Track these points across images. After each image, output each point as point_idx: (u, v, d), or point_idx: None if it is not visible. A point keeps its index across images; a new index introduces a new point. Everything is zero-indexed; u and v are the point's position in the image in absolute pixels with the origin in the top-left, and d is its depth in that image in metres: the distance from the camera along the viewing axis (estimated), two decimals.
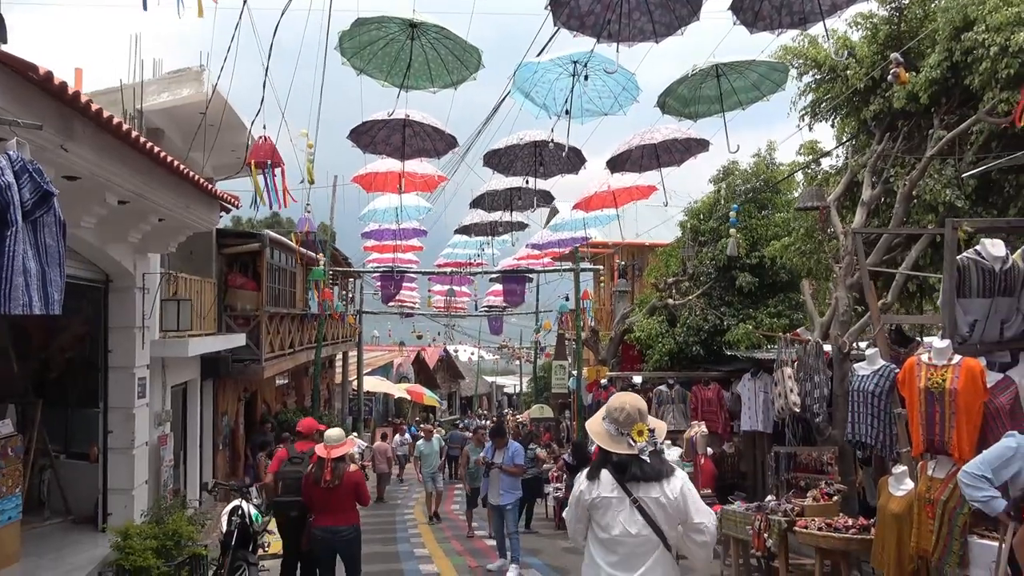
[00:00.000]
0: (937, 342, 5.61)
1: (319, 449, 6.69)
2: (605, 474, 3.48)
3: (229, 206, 9.42)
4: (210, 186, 8.52)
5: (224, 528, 7.62)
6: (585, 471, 3.65)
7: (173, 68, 10.67)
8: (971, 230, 6.02)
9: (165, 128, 10.73)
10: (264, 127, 8.05)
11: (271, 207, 8.50)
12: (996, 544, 4.77)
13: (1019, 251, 6.12)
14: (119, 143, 5.98)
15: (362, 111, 10.24)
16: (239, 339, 12.71)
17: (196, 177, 7.65)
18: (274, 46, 6.91)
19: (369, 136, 9.66)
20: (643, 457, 3.45)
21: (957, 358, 5.41)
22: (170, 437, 9.97)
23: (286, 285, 16.72)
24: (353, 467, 6.98)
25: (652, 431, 3.51)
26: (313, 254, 16.67)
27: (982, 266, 5.78)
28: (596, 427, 3.61)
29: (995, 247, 5.83)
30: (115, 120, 5.62)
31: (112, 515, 8.08)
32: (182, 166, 7.15)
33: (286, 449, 7.50)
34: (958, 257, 5.85)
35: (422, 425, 10.22)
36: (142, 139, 6.24)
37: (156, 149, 6.50)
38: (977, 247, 5.94)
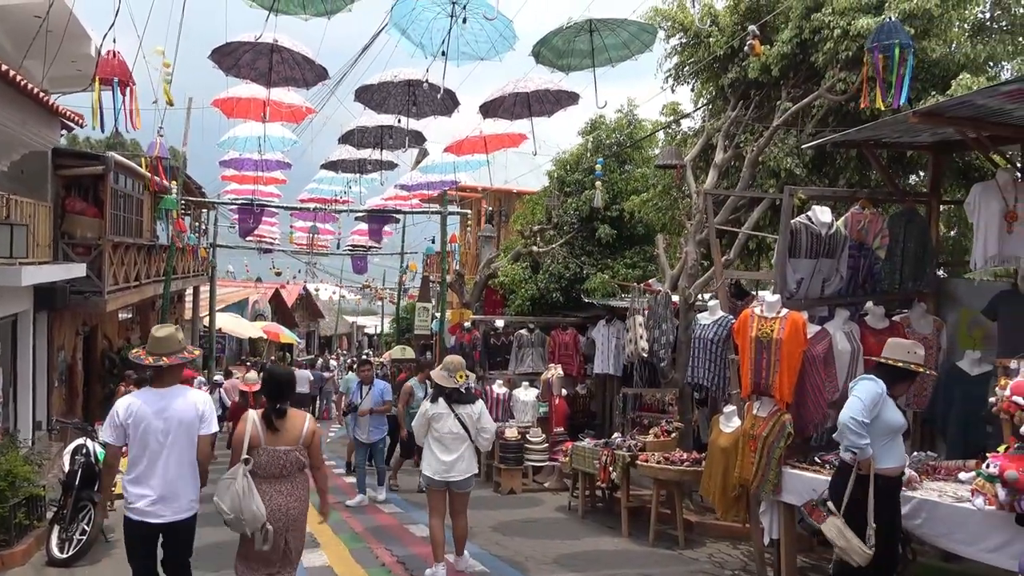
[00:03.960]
0: (769, 296, 6.23)
1: (241, 385, 11.35)
2: (440, 400, 6.19)
3: (71, 124, 8.65)
4: (50, 100, 7.76)
5: (66, 467, 7.28)
6: (428, 397, 6.40)
7: None
8: (805, 197, 6.66)
9: None
10: (114, 41, 7.40)
11: (118, 129, 7.90)
12: (805, 474, 5.49)
13: (842, 218, 6.88)
14: None
15: (227, 33, 9.61)
16: (79, 269, 11.80)
17: (35, 90, 6.95)
18: None
19: (233, 58, 9.13)
20: (462, 390, 6.24)
21: (784, 311, 6.04)
22: None
23: (132, 213, 15.57)
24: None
25: (468, 376, 6.40)
26: (164, 182, 15.57)
27: (811, 230, 6.46)
28: (436, 373, 6.33)
29: (823, 214, 6.53)
30: None
31: None
32: (19, 77, 6.47)
33: None
34: (792, 221, 6.49)
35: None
36: None
37: None
38: (808, 213, 6.61)
